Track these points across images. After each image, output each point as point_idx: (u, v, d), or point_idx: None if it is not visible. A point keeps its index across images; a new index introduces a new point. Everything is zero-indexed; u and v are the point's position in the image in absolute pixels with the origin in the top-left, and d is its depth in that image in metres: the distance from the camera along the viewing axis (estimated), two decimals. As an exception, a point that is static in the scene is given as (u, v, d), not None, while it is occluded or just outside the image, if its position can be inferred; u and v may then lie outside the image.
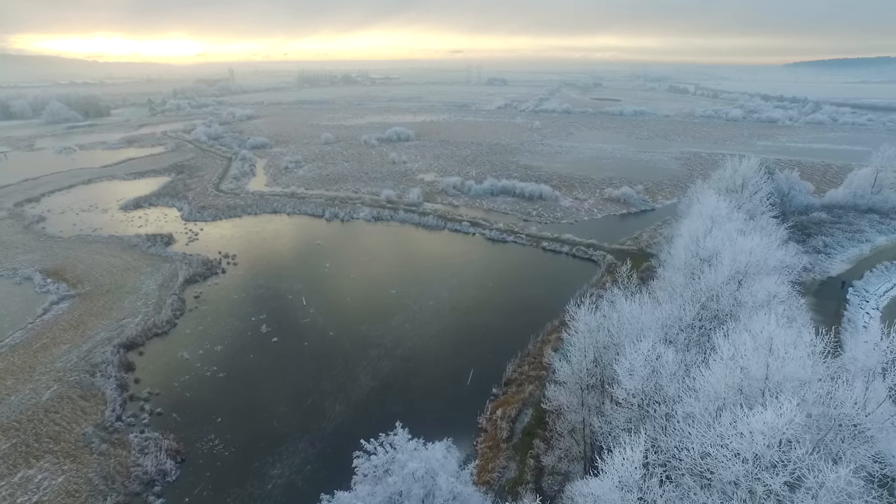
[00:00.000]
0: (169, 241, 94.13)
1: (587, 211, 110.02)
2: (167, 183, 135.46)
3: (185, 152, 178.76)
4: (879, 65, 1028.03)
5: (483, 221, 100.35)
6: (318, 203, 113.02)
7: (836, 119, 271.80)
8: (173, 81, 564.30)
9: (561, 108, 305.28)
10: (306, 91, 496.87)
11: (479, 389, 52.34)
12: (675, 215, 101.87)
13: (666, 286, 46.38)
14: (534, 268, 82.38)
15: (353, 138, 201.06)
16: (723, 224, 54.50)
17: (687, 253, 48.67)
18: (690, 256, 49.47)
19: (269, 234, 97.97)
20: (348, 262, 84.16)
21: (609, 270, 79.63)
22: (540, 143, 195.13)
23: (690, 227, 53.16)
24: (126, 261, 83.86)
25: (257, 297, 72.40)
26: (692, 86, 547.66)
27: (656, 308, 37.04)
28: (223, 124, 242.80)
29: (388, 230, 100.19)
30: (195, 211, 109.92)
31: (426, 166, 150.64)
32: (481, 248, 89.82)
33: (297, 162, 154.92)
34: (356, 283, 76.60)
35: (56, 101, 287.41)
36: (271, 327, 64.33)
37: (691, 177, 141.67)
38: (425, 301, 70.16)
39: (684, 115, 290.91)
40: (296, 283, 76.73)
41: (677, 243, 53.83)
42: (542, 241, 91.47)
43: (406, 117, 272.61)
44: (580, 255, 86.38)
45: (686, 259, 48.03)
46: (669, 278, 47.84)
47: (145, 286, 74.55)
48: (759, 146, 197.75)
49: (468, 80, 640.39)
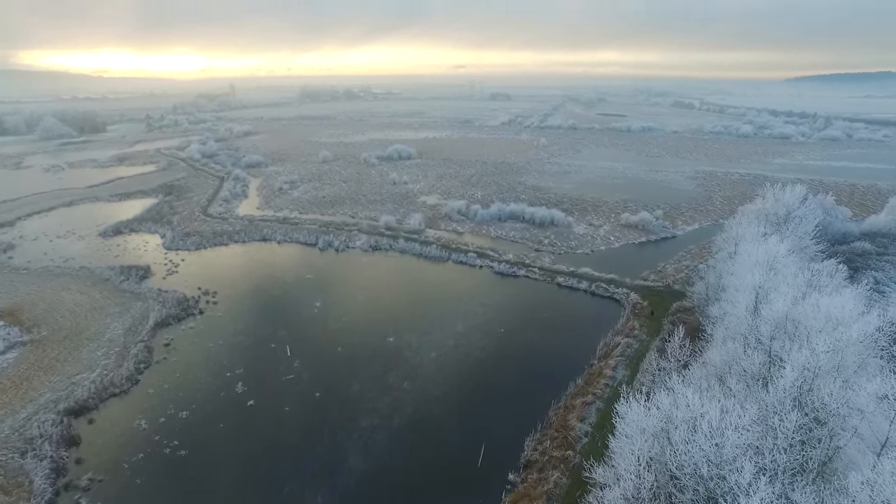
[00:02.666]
0: (145, 273, 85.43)
1: (603, 239, 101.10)
2: (153, 205, 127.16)
3: (176, 171, 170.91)
4: (881, 80, 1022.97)
5: (491, 252, 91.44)
6: (312, 230, 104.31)
7: (851, 135, 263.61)
8: (175, 96, 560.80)
9: (566, 124, 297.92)
10: (307, 106, 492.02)
11: (493, 472, 43.16)
12: (704, 247, 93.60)
13: (733, 365, 36.98)
14: (550, 308, 73.20)
15: (352, 156, 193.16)
16: (783, 272, 45.48)
17: (748, 314, 39.51)
18: (753, 319, 40.33)
19: (256, 266, 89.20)
20: (341, 301, 75.18)
21: (635, 312, 70.57)
22: (547, 161, 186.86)
23: (748, 281, 43.77)
24: (93, 298, 75.03)
25: (235, 346, 63.37)
26: (697, 101, 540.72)
27: (731, 406, 27.64)
28: (219, 141, 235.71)
29: (386, 262, 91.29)
30: (178, 238, 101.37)
31: (428, 187, 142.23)
32: (490, 284, 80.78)
33: (293, 182, 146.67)
34: (349, 328, 67.51)
35: (50, 117, 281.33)
36: (248, 386, 55.25)
37: (711, 199, 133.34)
38: (427, 352, 61.03)
39: (693, 132, 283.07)
40: (281, 327, 67.75)
41: (733, 300, 44.59)
42: (556, 275, 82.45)
43: (408, 134, 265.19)
44: (600, 293, 77.25)
45: (749, 324, 38.87)
46: (734, 353, 38.50)
47: (110, 331, 65.64)
48: (776, 164, 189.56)
49: (471, 95, 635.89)
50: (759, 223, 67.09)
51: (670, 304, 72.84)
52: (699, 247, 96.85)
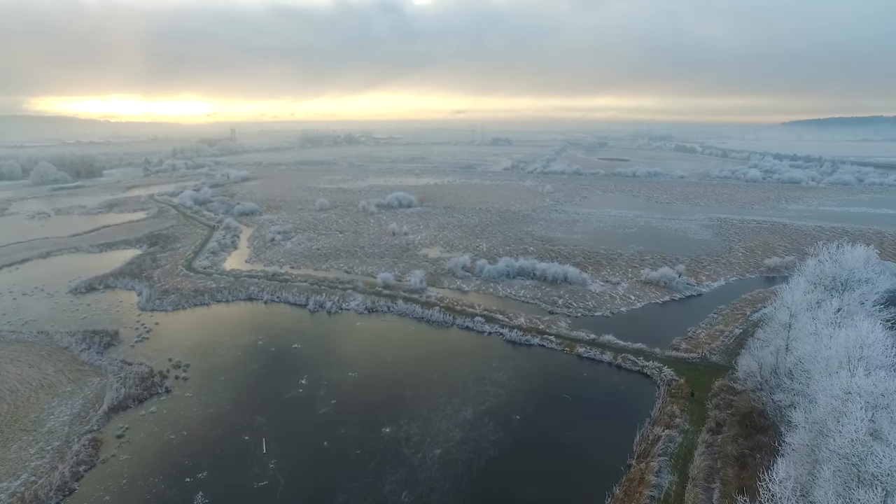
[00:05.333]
0: (111, 340, 75.74)
1: (623, 298, 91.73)
2: (134, 258, 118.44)
3: (166, 219, 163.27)
4: (874, 124, 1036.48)
5: (500, 315, 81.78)
6: (303, 288, 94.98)
7: (862, 179, 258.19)
8: (178, 140, 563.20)
9: (570, 170, 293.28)
10: (308, 151, 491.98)
11: None
12: (735, 308, 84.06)
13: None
14: (572, 387, 63.08)
15: (350, 203, 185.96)
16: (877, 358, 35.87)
17: (860, 436, 29.68)
18: (854, 432, 30.53)
19: (238, 332, 79.44)
20: (330, 378, 65.09)
21: (671, 393, 60.55)
22: (553, 208, 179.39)
23: (842, 383, 34.02)
24: (44, 373, 65.17)
25: (202, 439, 53.10)
26: (698, 144, 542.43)
27: None
28: (215, 186, 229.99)
29: (383, 327, 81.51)
30: (155, 297, 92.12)
31: (430, 238, 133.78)
32: (500, 356, 70.75)
33: (286, 233, 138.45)
34: (338, 414, 57.29)
35: (45, 162, 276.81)
36: (210, 497, 44.79)
37: (732, 250, 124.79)
38: (430, 449, 50.69)
39: (700, 176, 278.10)
40: (258, 411, 57.62)
41: (824, 415, 34.50)
42: (576, 344, 72.64)
43: (409, 180, 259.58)
44: (628, 367, 67.30)
45: (863, 452, 28.97)
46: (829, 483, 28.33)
47: (53, 418, 55.53)
48: (791, 210, 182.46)
49: (472, 139, 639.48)
50: (815, 288, 57.83)
51: (711, 381, 62.86)
52: (730, 307, 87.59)
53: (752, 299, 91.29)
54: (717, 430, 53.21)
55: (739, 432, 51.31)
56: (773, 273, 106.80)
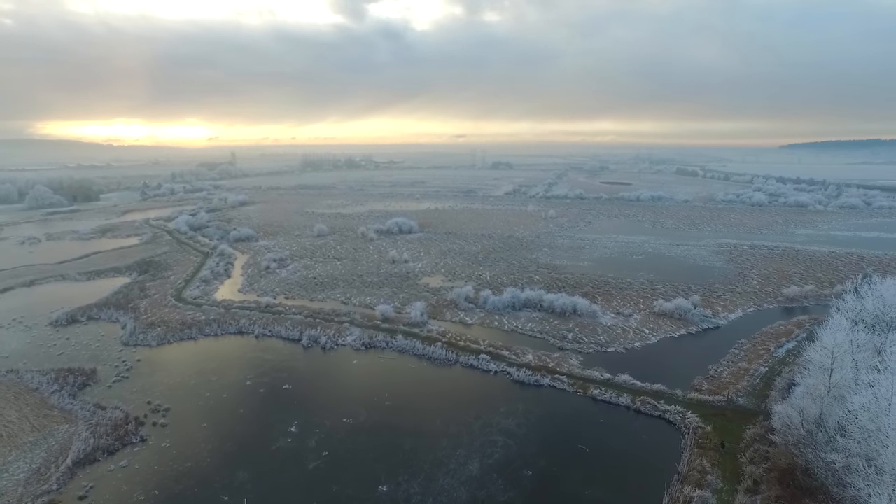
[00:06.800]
0: (87, 380, 70.16)
1: (636, 332, 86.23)
2: (122, 287, 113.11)
3: (159, 245, 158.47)
4: (872, 147, 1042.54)
5: (506, 352, 76.14)
6: (296, 321, 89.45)
7: (870, 203, 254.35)
8: (178, 164, 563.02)
9: (573, 194, 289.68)
10: (309, 175, 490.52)
11: None
12: (757, 342, 78.08)
13: None
14: (587, 435, 57.17)
15: (349, 229, 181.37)
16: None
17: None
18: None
19: (225, 370, 73.79)
20: (322, 425, 59.26)
21: (698, 443, 54.71)
22: (558, 234, 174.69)
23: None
24: (6, 420, 59.53)
25: (175, 500, 47.19)
26: (699, 168, 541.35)
27: None
28: (212, 211, 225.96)
29: (381, 365, 75.70)
30: (140, 330, 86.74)
31: (431, 267, 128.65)
32: (508, 398, 64.97)
33: (282, 260, 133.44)
34: (329, 469, 51.41)
35: (41, 186, 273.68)
36: (178, 575, 38.78)
37: (745, 278, 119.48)
38: (432, 513, 44.79)
39: (704, 200, 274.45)
40: (241, 466, 51.73)
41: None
42: (590, 385, 66.93)
43: (409, 204, 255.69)
44: (647, 412, 61.51)
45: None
46: None
47: (7, 476, 49.76)
48: (801, 235, 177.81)
49: (473, 164, 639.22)
50: (856, 325, 52.47)
51: (741, 428, 57.11)
52: (751, 342, 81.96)
53: (774, 333, 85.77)
54: (755, 489, 47.22)
55: (782, 493, 45.36)
56: (793, 303, 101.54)
